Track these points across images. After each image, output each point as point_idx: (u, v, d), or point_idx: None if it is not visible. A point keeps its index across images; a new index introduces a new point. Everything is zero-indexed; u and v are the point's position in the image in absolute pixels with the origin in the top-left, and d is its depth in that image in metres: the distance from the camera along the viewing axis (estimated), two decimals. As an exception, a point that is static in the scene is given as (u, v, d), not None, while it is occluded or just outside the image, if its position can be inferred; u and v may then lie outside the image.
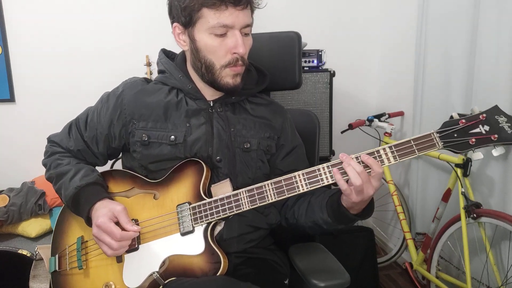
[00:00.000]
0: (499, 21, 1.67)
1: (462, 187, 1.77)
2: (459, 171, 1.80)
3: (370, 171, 0.96)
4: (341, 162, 0.97)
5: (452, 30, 1.95)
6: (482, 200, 1.76)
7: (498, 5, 1.66)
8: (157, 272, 1.05)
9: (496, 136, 0.94)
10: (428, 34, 2.10)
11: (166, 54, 1.26)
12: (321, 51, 2.24)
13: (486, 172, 1.80)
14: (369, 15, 2.65)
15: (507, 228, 1.61)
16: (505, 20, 1.64)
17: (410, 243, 2.16)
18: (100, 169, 1.24)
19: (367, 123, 2.29)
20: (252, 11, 1.11)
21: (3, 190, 2.08)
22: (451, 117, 0.98)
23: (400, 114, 2.44)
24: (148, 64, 2.34)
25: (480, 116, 0.95)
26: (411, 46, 2.29)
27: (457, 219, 1.79)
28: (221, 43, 1.07)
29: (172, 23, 1.15)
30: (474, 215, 1.69)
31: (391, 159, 0.97)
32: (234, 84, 1.12)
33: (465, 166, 1.79)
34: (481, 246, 1.77)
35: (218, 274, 1.02)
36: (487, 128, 0.95)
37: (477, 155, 0.96)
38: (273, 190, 1.02)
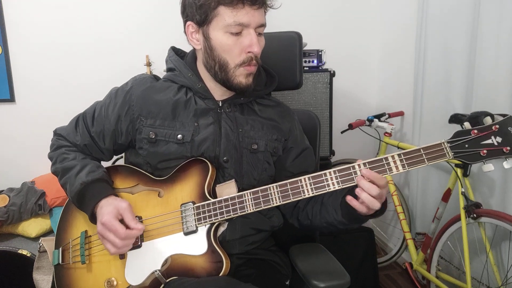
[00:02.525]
0: (499, 20, 1.67)
1: (462, 187, 1.77)
2: (459, 171, 1.80)
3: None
4: (348, 168, 0.98)
5: (452, 29, 1.95)
6: (482, 200, 1.77)
7: (498, 3, 1.66)
8: (159, 270, 1.05)
9: (508, 148, 0.92)
10: (428, 34, 2.10)
11: (176, 52, 1.25)
12: (321, 51, 2.24)
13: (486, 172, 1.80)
14: (369, 15, 2.65)
15: (507, 228, 1.61)
16: (506, 18, 1.64)
17: (410, 243, 2.16)
18: (105, 164, 1.24)
19: (367, 123, 2.29)
20: (265, 12, 1.11)
21: (3, 190, 2.08)
22: (463, 126, 0.96)
23: (400, 114, 2.44)
24: (148, 64, 2.34)
25: (493, 127, 0.93)
26: (411, 46, 2.30)
27: (457, 219, 1.79)
28: (236, 42, 1.07)
29: (185, 21, 1.14)
30: (474, 215, 1.69)
31: (400, 167, 0.95)
32: (246, 84, 1.12)
33: (465, 166, 1.79)
34: (481, 246, 1.77)
35: (220, 275, 1.02)
36: (499, 139, 0.93)
37: (487, 166, 0.95)
38: (278, 194, 1.02)
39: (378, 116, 2.32)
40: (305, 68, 2.24)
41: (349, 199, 0.99)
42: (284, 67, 1.43)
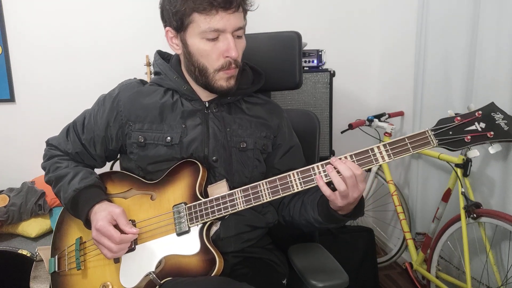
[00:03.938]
0: (499, 21, 1.66)
1: (462, 187, 1.77)
2: (459, 171, 1.80)
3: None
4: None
5: (452, 30, 1.94)
6: (482, 200, 1.76)
7: (498, 5, 1.66)
8: (153, 272, 1.05)
9: (492, 133, 0.92)
10: (428, 34, 2.09)
11: (162, 55, 1.26)
12: (321, 51, 2.24)
13: (486, 172, 1.80)
14: (369, 15, 2.64)
15: (507, 228, 1.60)
16: (505, 19, 1.63)
17: (410, 243, 2.16)
18: (98, 171, 1.25)
19: (367, 123, 2.29)
20: (245, 13, 1.11)
21: (3, 190, 2.08)
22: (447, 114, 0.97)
23: (400, 114, 2.44)
24: (148, 64, 2.33)
25: (476, 113, 0.94)
26: (411, 46, 2.29)
27: (457, 219, 1.79)
28: (213, 47, 1.07)
29: (164, 27, 1.15)
30: (474, 215, 1.69)
31: (386, 157, 0.96)
32: (228, 87, 1.12)
33: (465, 166, 1.79)
34: (481, 246, 1.76)
35: (213, 274, 1.02)
36: (483, 125, 0.93)
37: (473, 152, 0.95)
38: (268, 190, 1.02)
39: (378, 116, 2.32)
40: (305, 68, 2.24)
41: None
42: (284, 67, 1.43)
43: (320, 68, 2.25)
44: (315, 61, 2.24)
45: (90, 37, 2.29)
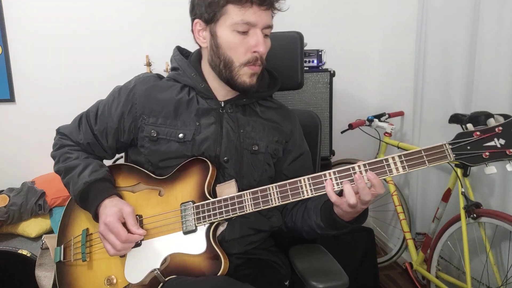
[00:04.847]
0: (499, 19, 1.67)
1: (462, 187, 1.77)
2: (459, 171, 1.80)
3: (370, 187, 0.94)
4: (348, 169, 0.96)
5: (452, 29, 1.95)
6: (482, 200, 1.76)
7: (498, 2, 1.66)
8: (158, 269, 1.05)
9: (511, 150, 0.89)
10: (428, 33, 2.10)
11: (181, 51, 1.26)
12: (321, 51, 2.24)
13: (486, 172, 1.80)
14: (369, 15, 2.65)
15: (507, 228, 1.61)
16: (506, 17, 1.64)
17: (410, 243, 2.16)
18: (107, 162, 1.24)
19: (367, 123, 2.29)
20: (273, 15, 1.12)
21: (3, 190, 2.08)
22: (466, 128, 0.94)
23: (400, 114, 2.44)
24: (148, 64, 2.33)
25: (496, 129, 0.90)
26: (411, 46, 2.29)
27: (457, 219, 1.79)
28: (242, 41, 1.08)
29: (193, 20, 1.15)
30: (474, 215, 1.69)
31: (400, 169, 0.94)
32: (250, 84, 1.12)
33: (465, 166, 1.79)
34: (481, 246, 1.77)
35: (218, 274, 1.02)
36: (502, 141, 0.90)
37: (490, 169, 0.93)
38: (277, 194, 1.01)
39: (378, 116, 2.32)
40: (305, 68, 2.24)
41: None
42: (286, 67, 1.43)
43: (320, 68, 2.25)
44: (315, 61, 2.24)
45: (90, 38, 2.28)
